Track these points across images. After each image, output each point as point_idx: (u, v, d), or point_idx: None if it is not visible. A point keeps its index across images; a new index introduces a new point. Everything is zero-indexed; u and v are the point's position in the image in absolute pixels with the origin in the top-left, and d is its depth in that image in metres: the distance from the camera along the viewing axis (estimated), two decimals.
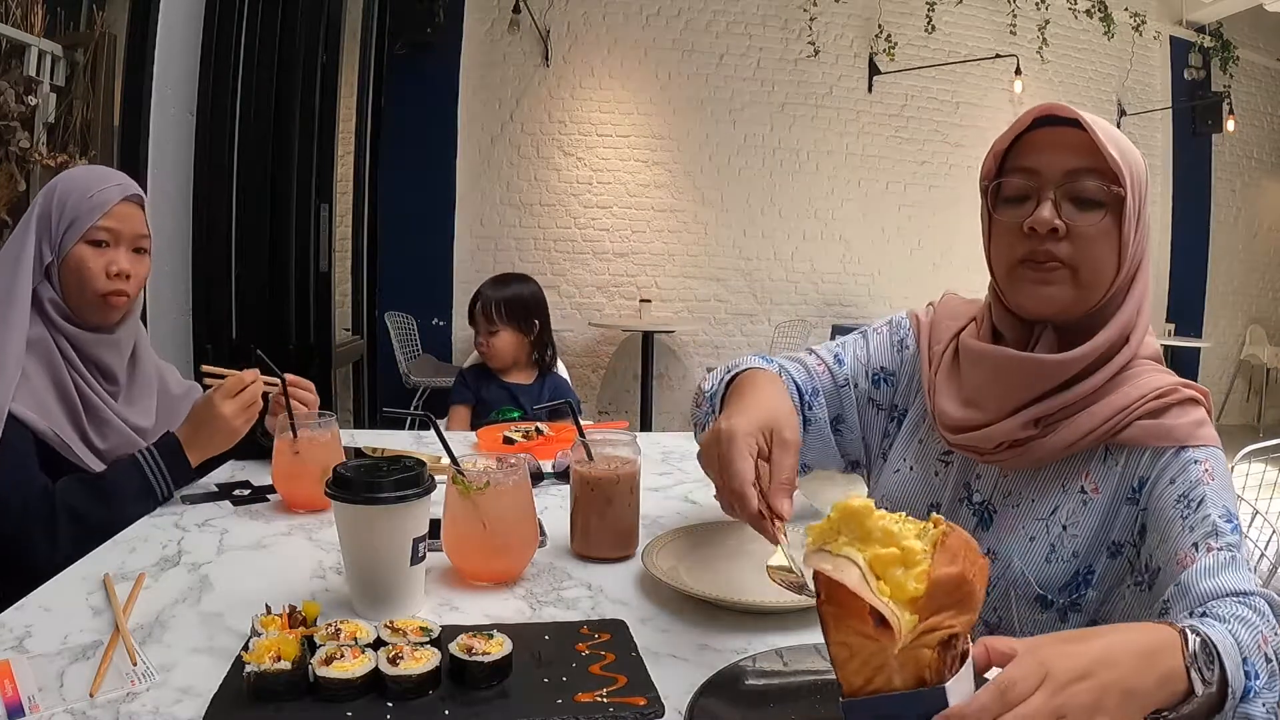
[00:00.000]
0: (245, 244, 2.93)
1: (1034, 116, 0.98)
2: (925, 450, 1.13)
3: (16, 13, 2.04)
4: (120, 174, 1.37)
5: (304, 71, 3.06)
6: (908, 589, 0.56)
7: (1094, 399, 0.98)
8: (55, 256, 1.28)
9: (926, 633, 0.55)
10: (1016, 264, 0.99)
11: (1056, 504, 1.00)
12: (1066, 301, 0.98)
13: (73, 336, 1.29)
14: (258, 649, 0.70)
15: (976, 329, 1.08)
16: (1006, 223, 1.00)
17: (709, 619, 0.87)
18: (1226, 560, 0.83)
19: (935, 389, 1.09)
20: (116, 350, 1.35)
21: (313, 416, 1.30)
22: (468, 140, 6.04)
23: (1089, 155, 0.95)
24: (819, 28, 6.36)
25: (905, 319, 1.21)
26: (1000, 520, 1.04)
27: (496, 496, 0.94)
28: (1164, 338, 6.90)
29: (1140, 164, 0.98)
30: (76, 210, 1.28)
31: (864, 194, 6.63)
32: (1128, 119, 7.13)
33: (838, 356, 1.19)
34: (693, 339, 6.51)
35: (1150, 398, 0.96)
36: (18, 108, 2.07)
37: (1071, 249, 0.96)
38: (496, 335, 2.27)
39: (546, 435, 1.72)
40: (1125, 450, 0.98)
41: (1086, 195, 0.95)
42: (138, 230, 1.34)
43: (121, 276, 1.30)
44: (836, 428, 1.18)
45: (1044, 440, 0.99)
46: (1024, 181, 0.98)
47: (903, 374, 1.18)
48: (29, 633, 0.81)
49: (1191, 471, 0.93)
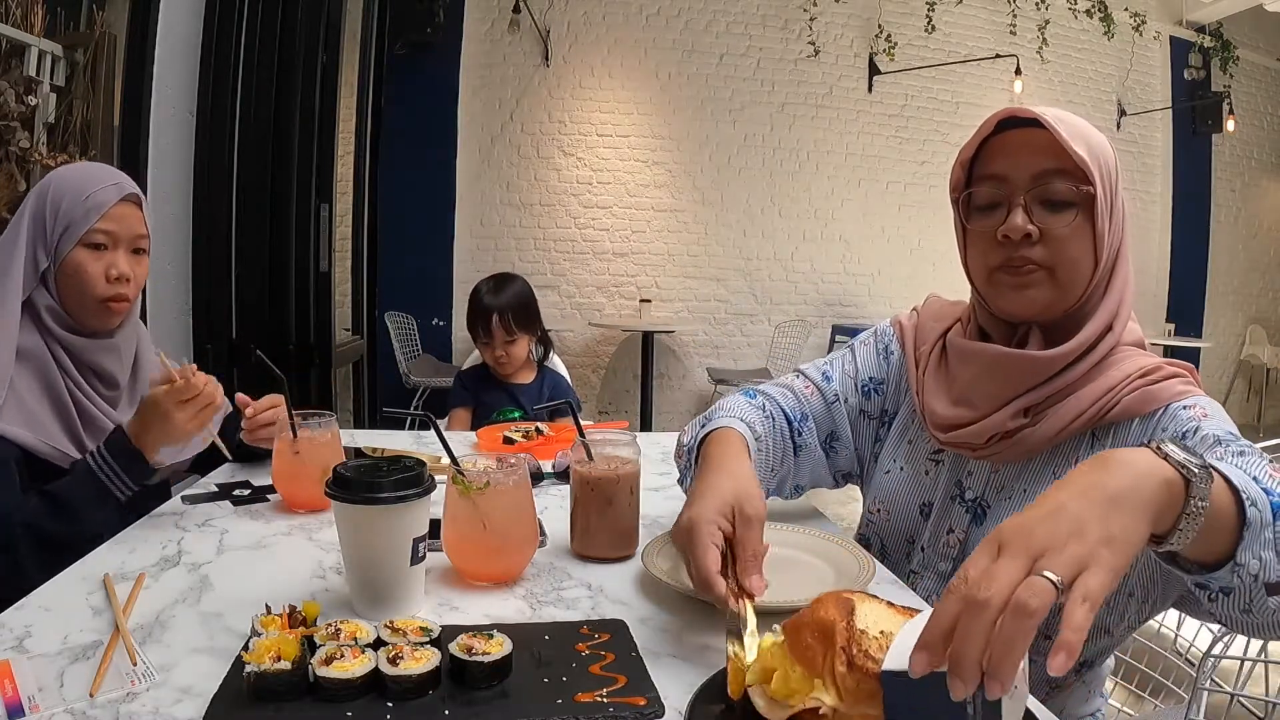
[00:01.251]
0: (245, 244, 2.93)
1: (996, 121, 0.99)
2: (915, 450, 1.14)
3: (16, 13, 2.04)
4: (116, 171, 1.32)
5: (304, 71, 3.06)
6: (792, 681, 0.64)
7: (1079, 385, 0.99)
8: (51, 262, 1.24)
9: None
10: (994, 270, 1.00)
11: None
12: (1047, 302, 0.99)
13: (69, 343, 1.25)
14: (258, 649, 0.70)
15: (963, 329, 1.10)
16: (980, 232, 1.01)
17: (709, 619, 0.87)
18: (1236, 454, 0.81)
19: (924, 388, 1.11)
20: (116, 355, 1.32)
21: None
22: (468, 140, 6.04)
23: (1055, 155, 0.95)
24: (819, 28, 6.36)
25: (888, 327, 1.23)
26: (994, 515, 1.05)
27: (496, 496, 0.94)
28: (1164, 338, 6.91)
29: (1108, 152, 0.99)
30: (72, 213, 1.23)
31: (864, 194, 6.63)
32: (1128, 119, 7.14)
33: (825, 374, 1.21)
34: (693, 339, 6.51)
35: (1134, 376, 0.98)
36: (18, 108, 2.07)
37: (1046, 252, 0.97)
38: (514, 344, 2.25)
39: (546, 435, 1.72)
40: (1112, 429, 0.99)
41: (1057, 197, 0.96)
42: (136, 231, 1.29)
43: (121, 280, 1.26)
44: (831, 445, 1.20)
45: (1034, 429, 1.00)
46: (993, 189, 0.99)
47: (890, 380, 1.20)
48: (29, 633, 0.81)
49: (1181, 416, 0.94)
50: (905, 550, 1.14)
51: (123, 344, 1.33)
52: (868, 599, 0.66)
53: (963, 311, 1.13)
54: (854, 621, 0.62)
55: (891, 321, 1.23)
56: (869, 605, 0.65)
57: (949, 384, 1.08)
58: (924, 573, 1.11)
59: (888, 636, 0.61)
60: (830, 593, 0.67)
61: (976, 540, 1.05)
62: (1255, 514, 0.66)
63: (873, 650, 0.60)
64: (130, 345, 1.36)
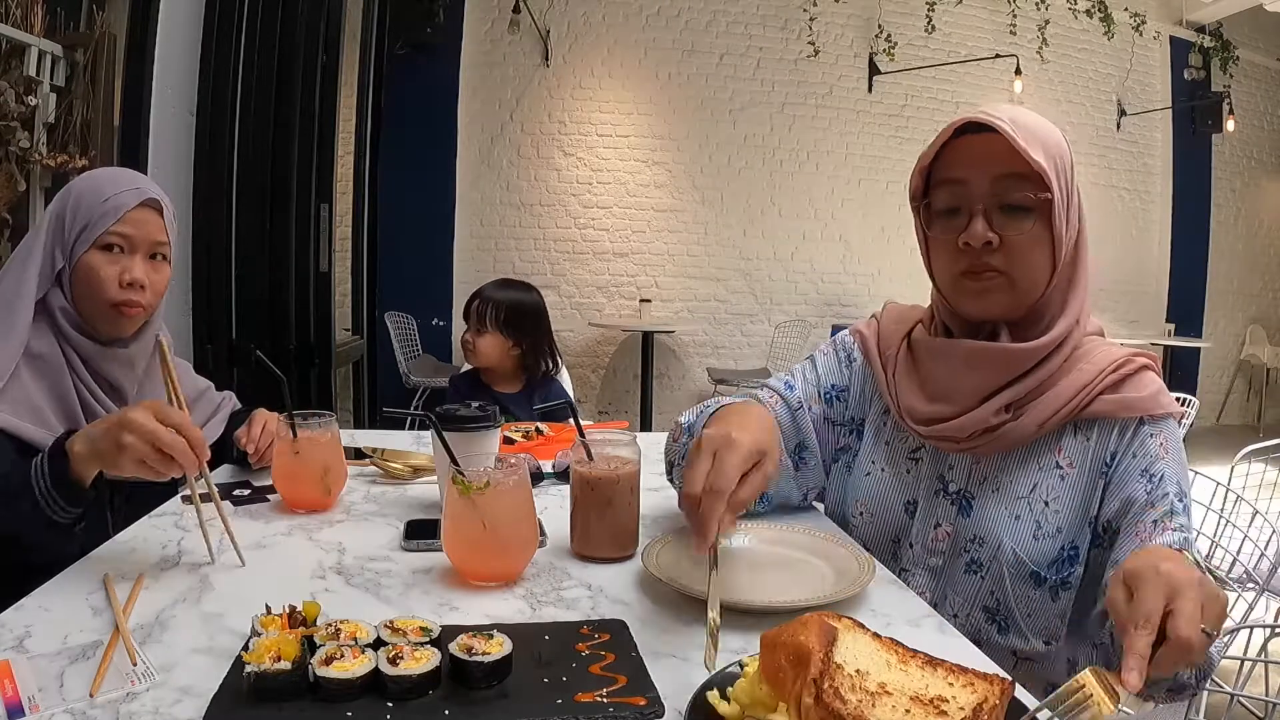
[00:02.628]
0: (245, 244, 2.93)
1: (954, 128, 1.01)
2: (893, 451, 1.16)
3: (16, 13, 2.04)
4: (140, 177, 1.30)
5: (304, 71, 3.06)
6: (757, 693, 0.64)
7: (1056, 379, 1.03)
8: (67, 262, 1.22)
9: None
10: (958, 276, 1.04)
11: (1035, 481, 1.04)
12: (1007, 305, 1.03)
13: (81, 348, 1.23)
14: (258, 649, 0.70)
15: (926, 329, 1.13)
16: (942, 239, 1.04)
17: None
18: (1180, 541, 0.92)
19: (897, 388, 1.13)
20: (129, 367, 1.28)
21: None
22: (468, 140, 6.04)
23: (1013, 160, 0.97)
24: (819, 28, 6.36)
25: (848, 335, 1.25)
26: (980, 506, 1.07)
27: (496, 496, 0.94)
28: (1164, 338, 6.91)
29: (1064, 150, 1.01)
30: (89, 214, 1.22)
31: (864, 194, 6.63)
32: (1128, 119, 7.14)
33: (788, 384, 1.22)
34: (693, 339, 6.51)
35: (1108, 371, 1.02)
36: (18, 108, 2.07)
37: (1006, 259, 1.00)
38: (482, 336, 2.25)
39: (546, 435, 1.72)
40: (1095, 425, 1.04)
41: (1015, 203, 0.99)
42: (154, 237, 1.26)
43: (135, 285, 1.23)
44: (800, 455, 1.21)
45: (1016, 424, 1.03)
46: (953, 194, 1.02)
47: (854, 386, 1.22)
48: (29, 633, 0.81)
49: (1149, 445, 1.00)
50: (891, 550, 1.15)
51: (137, 355, 1.30)
52: (854, 629, 0.65)
53: (923, 314, 1.16)
54: (832, 654, 0.61)
55: (850, 330, 1.26)
56: (853, 637, 0.64)
57: (922, 381, 1.10)
58: (915, 570, 1.12)
59: (863, 676, 0.60)
60: (817, 615, 0.65)
61: (965, 532, 1.07)
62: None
63: (844, 689, 0.59)
64: (145, 358, 1.31)
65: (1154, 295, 7.33)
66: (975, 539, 1.06)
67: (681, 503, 0.86)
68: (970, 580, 1.07)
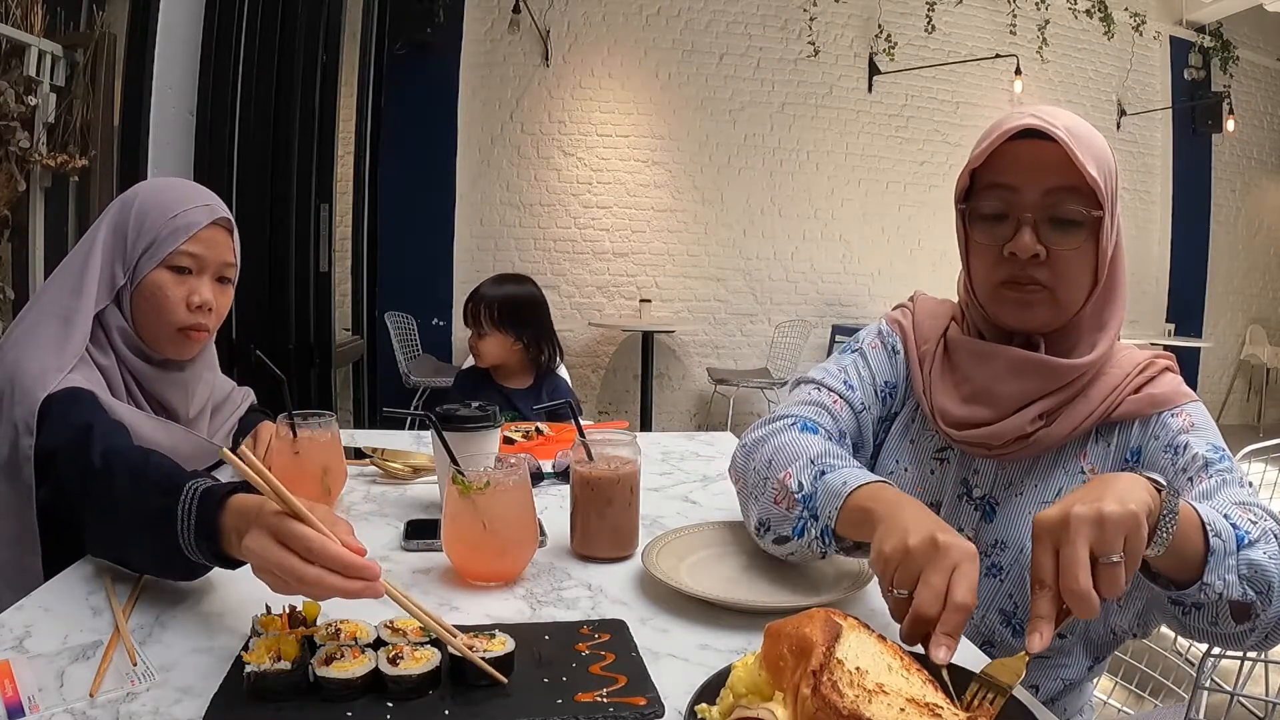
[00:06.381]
0: (245, 244, 2.92)
1: (1012, 132, 0.95)
2: (918, 450, 1.12)
3: (16, 13, 2.04)
4: (208, 192, 1.24)
5: (304, 71, 3.06)
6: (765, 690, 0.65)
7: (1088, 386, 1.02)
8: (129, 280, 1.15)
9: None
10: (998, 285, 1.01)
11: (1060, 486, 1.03)
12: (1046, 318, 1.01)
13: (137, 370, 1.17)
14: (258, 649, 0.70)
15: (959, 327, 1.10)
16: (986, 244, 1.00)
17: (709, 619, 0.87)
18: (1218, 484, 0.89)
19: (931, 387, 1.09)
20: (183, 390, 1.23)
21: None
22: (468, 140, 6.04)
23: (1068, 173, 0.93)
24: (819, 28, 6.36)
25: (889, 326, 1.19)
26: (1004, 511, 1.05)
27: (496, 496, 0.94)
28: (1164, 338, 6.91)
29: (1111, 161, 0.99)
30: (157, 230, 1.15)
31: (864, 194, 6.63)
32: (1127, 119, 7.14)
33: (847, 383, 1.13)
34: (693, 339, 6.51)
35: (1134, 374, 1.02)
36: (18, 108, 2.07)
37: (1051, 273, 0.98)
38: (484, 339, 2.25)
39: (546, 435, 1.72)
40: (1117, 427, 1.03)
41: (1066, 217, 0.96)
42: (224, 259, 1.21)
43: (204, 308, 1.18)
44: (856, 454, 1.13)
45: (1049, 430, 1.01)
46: (1001, 200, 0.98)
47: (899, 380, 1.17)
48: (29, 633, 0.81)
49: (1171, 424, 0.99)
50: None
51: (191, 379, 1.25)
52: (859, 628, 0.65)
53: (954, 310, 1.13)
54: (834, 649, 0.61)
55: (889, 320, 1.20)
56: (857, 636, 0.64)
57: (957, 382, 1.06)
58: None
59: (862, 674, 0.60)
60: (824, 610, 0.65)
61: (987, 537, 1.05)
62: (1219, 543, 0.76)
63: (842, 683, 0.59)
64: (198, 380, 1.27)
65: (1154, 295, 7.33)
66: (998, 543, 1.04)
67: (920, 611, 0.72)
68: (989, 584, 1.05)
